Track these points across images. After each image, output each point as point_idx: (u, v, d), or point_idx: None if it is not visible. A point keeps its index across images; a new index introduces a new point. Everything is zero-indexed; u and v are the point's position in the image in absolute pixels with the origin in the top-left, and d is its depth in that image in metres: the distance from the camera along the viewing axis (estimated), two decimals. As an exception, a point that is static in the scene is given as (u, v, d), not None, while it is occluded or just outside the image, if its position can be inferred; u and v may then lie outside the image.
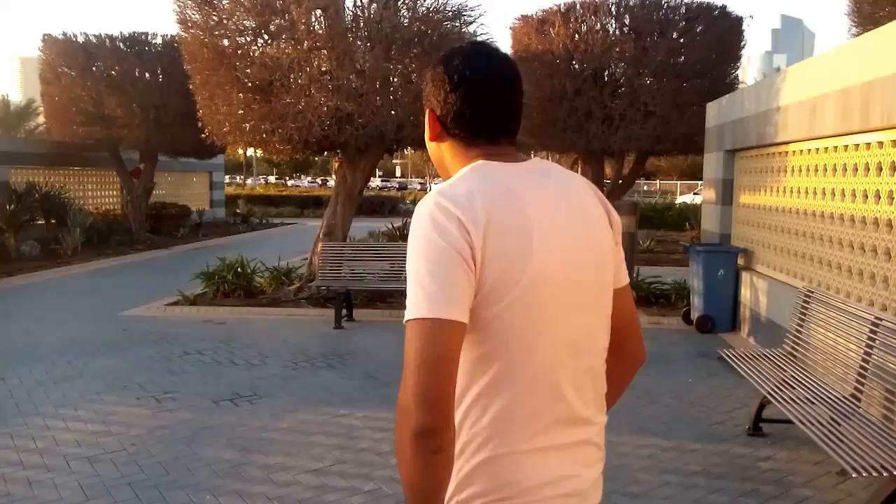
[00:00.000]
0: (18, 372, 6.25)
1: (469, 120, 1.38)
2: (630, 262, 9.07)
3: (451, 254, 1.22)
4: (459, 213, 1.25)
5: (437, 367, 1.19)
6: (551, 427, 1.33)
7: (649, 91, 13.00)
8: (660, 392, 5.73)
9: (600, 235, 1.41)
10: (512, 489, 1.30)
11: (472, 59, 1.39)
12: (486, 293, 1.25)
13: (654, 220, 21.39)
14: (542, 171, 1.40)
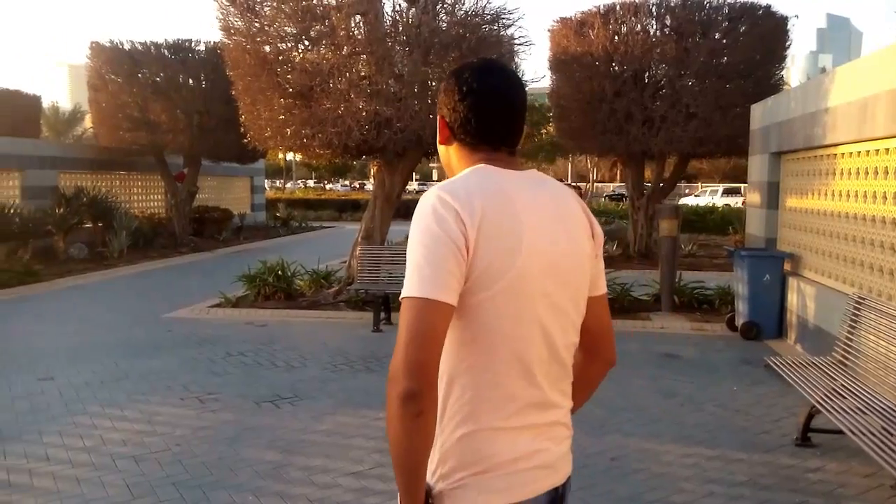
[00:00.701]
0: (67, 372, 6.41)
1: (474, 127, 1.54)
2: (672, 267, 8.93)
3: (446, 242, 1.37)
4: (457, 206, 1.40)
5: (425, 341, 1.34)
6: (525, 409, 1.49)
7: (691, 92, 12.80)
8: (703, 400, 5.62)
9: (582, 245, 1.56)
10: (488, 463, 1.45)
11: (481, 73, 1.55)
12: (474, 281, 1.40)
13: (696, 224, 21.04)
14: (538, 180, 1.55)
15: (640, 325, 8.36)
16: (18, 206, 14.66)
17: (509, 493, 1.46)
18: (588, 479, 4.09)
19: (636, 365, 6.67)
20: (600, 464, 4.32)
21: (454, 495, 1.45)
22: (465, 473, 1.45)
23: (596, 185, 44.05)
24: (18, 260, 12.90)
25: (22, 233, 13.76)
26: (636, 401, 5.58)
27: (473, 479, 1.45)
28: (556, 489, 1.55)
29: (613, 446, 4.61)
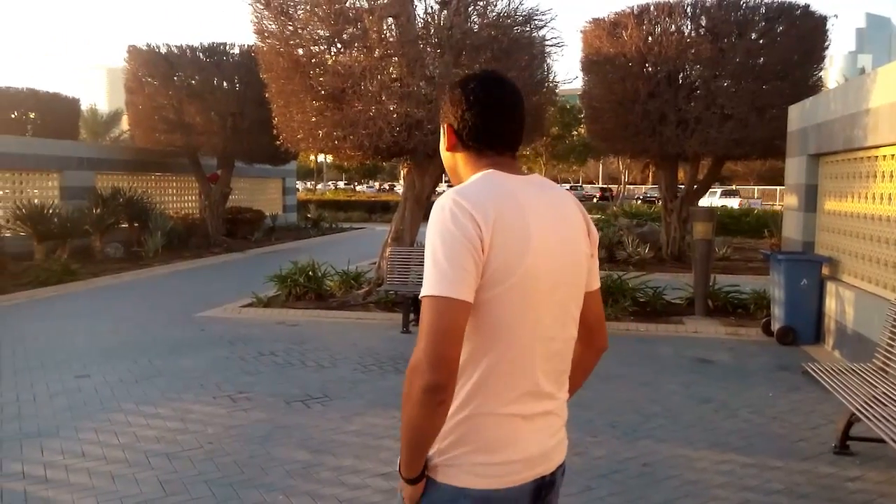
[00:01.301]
0: (103, 369, 6.52)
1: (481, 134, 1.66)
2: (706, 270, 8.79)
3: (463, 243, 1.48)
4: (472, 209, 1.50)
5: (448, 337, 1.45)
6: (521, 398, 1.59)
7: (727, 94, 12.61)
8: (738, 406, 5.51)
9: (580, 244, 1.68)
10: (478, 445, 1.56)
11: (486, 84, 1.68)
12: (488, 279, 1.50)
13: (731, 227, 20.71)
14: (540, 184, 1.68)
15: (672, 330, 8.25)
16: (57, 206, 15.00)
17: (493, 480, 1.57)
18: (620, 486, 4.03)
19: (669, 370, 6.57)
20: (632, 470, 4.26)
21: (445, 471, 1.57)
22: (457, 452, 1.57)
23: (627, 188, 43.60)
24: (57, 259, 13.18)
25: (60, 232, 14.06)
26: (669, 406, 5.50)
27: (464, 459, 1.57)
28: (544, 477, 1.66)
29: (646, 452, 4.54)
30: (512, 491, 1.59)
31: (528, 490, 1.62)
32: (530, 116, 12.43)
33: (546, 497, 1.70)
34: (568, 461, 4.24)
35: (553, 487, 1.72)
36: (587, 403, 5.53)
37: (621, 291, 9.06)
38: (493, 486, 1.57)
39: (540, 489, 1.65)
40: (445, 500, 1.58)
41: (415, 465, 1.56)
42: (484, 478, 1.57)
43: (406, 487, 1.60)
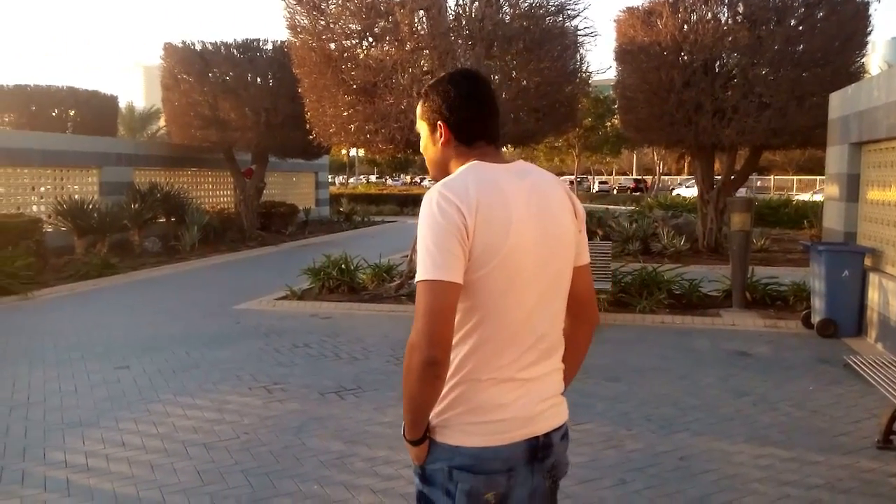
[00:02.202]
0: (142, 361, 6.65)
1: (472, 127, 1.80)
2: (744, 262, 8.63)
3: (450, 231, 1.62)
4: (457, 201, 1.64)
5: (442, 317, 1.59)
6: (510, 365, 1.72)
7: (765, 82, 12.34)
8: (777, 399, 5.40)
9: (564, 223, 1.80)
10: (469, 407, 1.70)
11: (470, 81, 1.82)
12: (474, 261, 1.65)
13: (769, 218, 20.31)
14: (522, 170, 1.79)
15: (709, 322, 8.12)
16: (97, 201, 15.33)
17: (486, 438, 1.70)
18: (656, 479, 3.98)
19: (705, 363, 6.47)
20: (668, 463, 4.20)
21: (441, 431, 1.73)
22: (451, 413, 1.72)
23: (662, 178, 43.02)
24: (97, 253, 13.47)
25: (100, 227, 14.36)
26: (706, 399, 5.41)
27: (456, 420, 1.71)
28: (537, 439, 1.76)
29: (682, 445, 4.48)
30: (502, 449, 1.70)
31: (520, 449, 1.73)
32: (563, 107, 12.32)
33: (544, 459, 1.78)
34: (602, 454, 4.20)
35: (550, 450, 1.80)
36: (622, 396, 5.47)
37: (656, 283, 8.94)
38: (484, 444, 1.70)
39: (534, 450, 1.75)
40: (443, 457, 1.72)
41: (416, 429, 1.72)
42: (475, 436, 1.70)
43: (412, 449, 1.77)
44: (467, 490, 1.69)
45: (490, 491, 1.70)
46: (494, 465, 1.70)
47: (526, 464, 1.74)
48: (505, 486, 1.72)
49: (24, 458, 4.36)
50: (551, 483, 1.84)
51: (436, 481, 1.74)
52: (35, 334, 7.80)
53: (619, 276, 9.14)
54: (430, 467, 1.75)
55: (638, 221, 15.68)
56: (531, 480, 1.77)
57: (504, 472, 1.71)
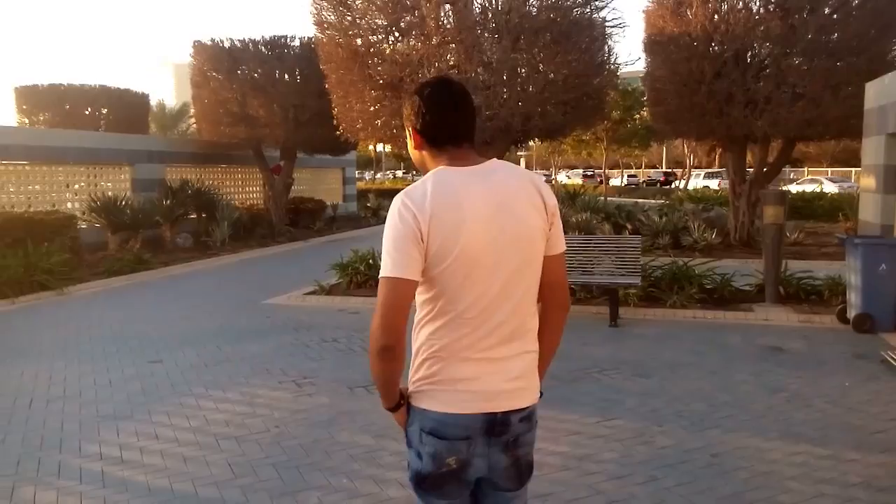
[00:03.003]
0: (174, 355, 6.75)
1: (439, 131, 1.96)
2: (777, 256, 8.48)
3: (407, 234, 1.84)
4: (414, 208, 1.85)
5: (395, 309, 1.84)
6: (470, 346, 1.93)
7: (798, 72, 12.08)
8: (812, 396, 5.30)
9: (527, 220, 1.94)
10: (437, 378, 1.94)
11: (437, 88, 1.98)
12: (431, 258, 1.86)
13: (803, 211, 19.93)
14: (488, 171, 1.95)
15: (741, 317, 7.99)
16: (129, 198, 15.58)
17: (448, 405, 1.93)
18: (687, 476, 3.93)
19: (738, 358, 6.38)
20: (700, 460, 4.15)
21: (415, 396, 1.99)
22: (422, 383, 1.96)
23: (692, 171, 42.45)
24: (130, 249, 13.70)
25: (133, 223, 14.60)
26: (738, 396, 5.33)
27: (427, 387, 1.96)
28: (494, 415, 1.94)
29: (714, 442, 4.42)
30: (462, 418, 1.93)
31: (477, 422, 1.93)
32: (591, 99, 12.21)
33: (501, 435, 1.97)
34: (633, 450, 4.15)
35: (507, 427, 1.97)
36: (653, 392, 5.42)
37: (687, 278, 8.82)
38: (445, 410, 1.93)
39: (491, 425, 1.95)
40: (416, 420, 1.99)
41: (387, 399, 2.00)
42: (438, 402, 1.94)
43: (393, 416, 2.06)
44: (432, 453, 1.95)
45: (451, 456, 1.94)
46: (455, 431, 1.93)
47: (482, 435, 1.95)
48: (465, 454, 1.95)
49: (61, 450, 4.45)
50: (513, 461, 2.02)
51: (412, 443, 2.01)
52: (71, 329, 7.96)
53: (649, 270, 9.04)
54: (409, 430, 2.03)
55: (668, 215, 15.48)
56: (489, 453, 1.97)
57: (464, 440, 1.94)
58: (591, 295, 8.89)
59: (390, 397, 2.00)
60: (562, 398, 5.26)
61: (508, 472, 2.03)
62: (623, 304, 8.28)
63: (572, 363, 6.22)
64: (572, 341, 7.04)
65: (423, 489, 2.01)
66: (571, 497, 3.70)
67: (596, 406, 5.10)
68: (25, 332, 7.87)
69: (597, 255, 8.29)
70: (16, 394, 5.61)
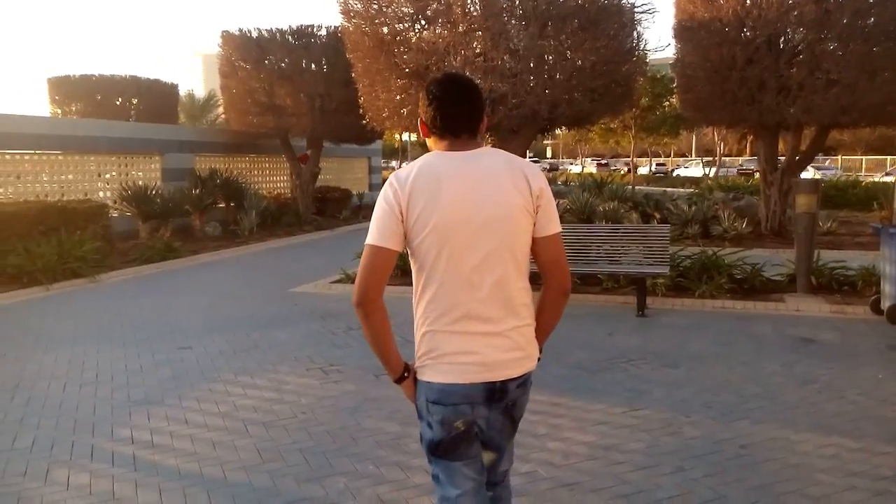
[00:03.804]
0: (203, 341, 6.84)
1: (440, 123, 2.17)
2: (809, 245, 8.33)
3: (389, 209, 2.10)
4: (397, 186, 2.11)
5: (369, 270, 2.10)
6: (461, 319, 2.13)
7: (833, 57, 11.80)
8: (844, 388, 5.20)
9: (507, 202, 2.12)
10: (437, 353, 2.15)
11: (441, 84, 2.19)
12: (410, 230, 2.10)
13: (836, 200, 19.53)
14: (475, 156, 2.16)
15: (772, 308, 7.87)
16: (159, 187, 15.79)
17: (450, 376, 2.13)
18: (716, 467, 3.89)
19: (768, 349, 6.28)
20: (728, 451, 4.10)
21: (420, 370, 2.20)
22: (425, 357, 2.17)
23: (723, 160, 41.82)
24: (160, 237, 13.90)
25: (163, 212, 14.81)
26: (768, 387, 5.26)
27: (430, 362, 2.17)
28: (494, 383, 2.15)
29: (743, 433, 4.36)
30: (464, 387, 2.13)
31: (478, 390, 2.14)
32: (619, 87, 12.07)
33: (500, 400, 2.19)
34: (660, 441, 4.13)
35: (505, 394, 2.19)
36: (681, 383, 5.36)
37: (717, 268, 8.70)
38: (449, 381, 2.13)
39: (491, 392, 2.16)
40: (422, 392, 2.20)
41: (390, 369, 2.21)
42: (442, 374, 2.14)
43: (400, 390, 2.28)
44: (440, 419, 2.16)
45: (458, 419, 2.15)
46: (457, 398, 2.14)
47: (484, 402, 2.17)
48: (471, 415, 2.16)
49: (94, 434, 4.54)
50: (509, 420, 2.27)
51: (421, 415, 2.23)
52: (103, 316, 8.11)
53: (678, 259, 8.94)
54: (417, 402, 2.24)
55: (697, 204, 15.28)
56: (489, 415, 2.21)
57: (468, 405, 2.15)
58: (619, 284, 8.82)
59: (391, 367, 2.21)
60: (588, 388, 5.24)
61: (504, 429, 2.28)
62: (651, 294, 8.20)
63: (599, 353, 6.18)
64: (599, 331, 7.00)
65: (439, 455, 2.21)
66: (598, 486, 3.68)
67: (623, 396, 5.07)
68: (59, 318, 8.04)
69: (624, 245, 8.21)
70: (50, 378, 5.73)
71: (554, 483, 3.73)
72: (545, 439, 4.29)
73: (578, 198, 15.87)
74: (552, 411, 4.77)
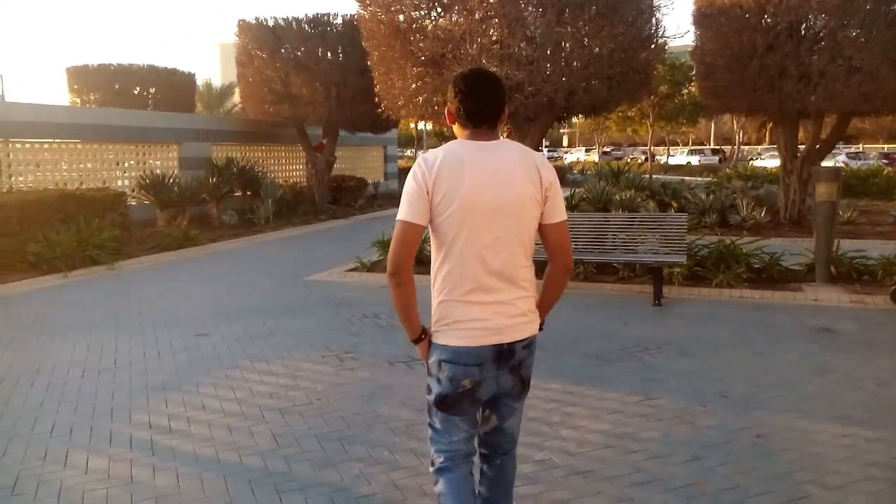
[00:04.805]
0: (220, 328, 6.89)
1: (463, 114, 2.42)
2: (829, 234, 8.23)
3: (415, 188, 2.34)
4: (425, 167, 2.35)
5: (401, 244, 2.35)
6: (474, 290, 2.40)
7: (855, 44, 11.60)
8: (863, 378, 5.15)
9: (520, 188, 2.38)
10: (451, 319, 2.43)
11: (467, 78, 2.43)
12: (435, 208, 2.35)
13: (857, 188, 19.27)
14: (495, 147, 2.41)
15: (790, 297, 7.79)
16: (177, 175, 15.88)
17: (462, 340, 2.41)
18: (731, 456, 3.87)
19: (786, 339, 6.23)
20: (744, 441, 4.08)
21: (435, 335, 2.48)
22: (440, 323, 2.45)
23: (742, 148, 41.35)
24: (178, 225, 13.99)
25: (180, 201, 14.90)
26: (785, 376, 5.21)
27: (444, 328, 2.44)
28: (502, 345, 2.43)
29: (760, 423, 4.33)
30: (475, 349, 2.40)
31: (488, 351, 2.41)
32: (637, 74, 11.94)
33: (508, 360, 2.46)
34: (675, 430, 4.14)
35: (513, 355, 2.46)
36: (696, 372, 5.33)
37: (734, 257, 8.63)
38: (461, 344, 2.41)
39: (500, 353, 2.43)
40: (436, 352, 2.47)
41: (409, 330, 2.49)
42: (455, 338, 2.41)
43: (417, 349, 2.55)
44: (450, 376, 2.44)
45: (466, 378, 2.43)
46: (468, 359, 2.41)
47: (493, 362, 2.43)
48: (478, 376, 2.43)
49: (112, 419, 4.60)
50: (518, 379, 2.53)
51: (432, 372, 2.50)
52: (121, 302, 8.19)
53: (695, 248, 8.87)
54: (429, 361, 2.51)
55: (715, 193, 15.13)
56: (498, 375, 2.47)
57: (476, 366, 2.42)
58: (635, 274, 8.76)
59: (411, 329, 2.49)
60: (604, 377, 5.22)
61: (514, 388, 2.54)
62: (667, 283, 8.15)
63: (614, 342, 6.16)
64: (614, 320, 6.97)
65: (442, 408, 2.50)
66: (612, 474, 3.67)
67: (638, 385, 5.05)
68: (78, 305, 8.13)
69: (641, 234, 8.16)
70: (69, 364, 5.81)
71: (568, 471, 3.73)
72: (559, 427, 4.29)
73: (594, 186, 15.77)
74: (567, 400, 4.76)
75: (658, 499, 3.42)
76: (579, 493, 3.49)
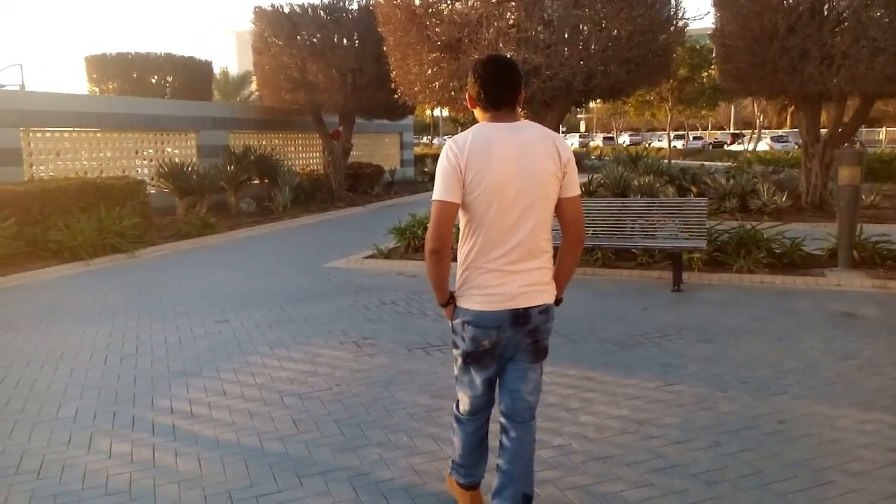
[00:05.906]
0: (240, 315, 6.94)
1: (483, 97, 2.64)
2: (852, 218, 8.11)
3: (450, 170, 2.56)
4: (456, 149, 2.57)
5: (440, 222, 2.58)
6: (497, 259, 2.63)
7: (879, 25, 11.36)
8: (887, 363, 5.09)
9: (542, 166, 2.59)
10: (473, 285, 2.68)
11: (486, 65, 2.64)
12: (467, 187, 2.56)
13: (880, 173, 18.97)
14: (517, 128, 2.62)
15: (812, 283, 7.70)
16: (195, 164, 15.97)
17: (482, 304, 2.66)
18: (752, 442, 3.84)
19: (807, 324, 6.16)
20: (766, 426, 4.04)
21: (459, 299, 2.73)
22: (464, 289, 2.71)
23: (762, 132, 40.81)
24: (196, 213, 14.09)
25: (199, 188, 14.99)
26: (807, 362, 5.16)
27: (466, 292, 2.70)
28: (517, 310, 2.66)
29: (781, 409, 4.29)
30: (494, 313, 2.65)
31: (506, 316, 2.65)
32: (656, 57, 11.80)
33: (525, 324, 2.69)
34: (695, 415, 4.12)
35: (529, 319, 2.69)
36: (716, 358, 5.29)
37: (755, 242, 8.53)
38: (482, 308, 2.66)
39: (516, 317, 2.67)
40: (459, 314, 2.74)
41: (439, 296, 2.77)
42: (477, 303, 2.67)
43: (443, 311, 2.84)
44: (471, 336, 2.71)
45: (486, 339, 2.69)
46: (488, 322, 2.66)
47: (510, 325, 2.67)
48: (496, 338, 2.69)
49: (134, 405, 4.66)
50: (534, 342, 2.75)
51: (456, 331, 2.78)
52: (142, 290, 8.28)
53: (715, 234, 8.78)
54: (454, 322, 2.79)
55: (735, 177, 14.96)
56: (515, 337, 2.71)
57: (495, 328, 2.67)
58: (654, 259, 8.70)
59: (441, 294, 2.77)
60: (622, 363, 5.20)
61: (529, 350, 2.76)
62: (687, 269, 8.09)
63: (633, 328, 6.13)
64: (633, 306, 6.93)
65: (468, 363, 2.79)
66: (632, 460, 3.66)
67: (657, 371, 5.02)
68: (99, 292, 8.22)
69: (660, 219, 8.09)
70: (91, 351, 5.88)
71: (587, 456, 3.72)
72: (578, 413, 4.28)
73: (613, 172, 15.65)
74: (585, 385, 4.75)
75: (678, 484, 3.41)
76: (599, 478, 3.49)
